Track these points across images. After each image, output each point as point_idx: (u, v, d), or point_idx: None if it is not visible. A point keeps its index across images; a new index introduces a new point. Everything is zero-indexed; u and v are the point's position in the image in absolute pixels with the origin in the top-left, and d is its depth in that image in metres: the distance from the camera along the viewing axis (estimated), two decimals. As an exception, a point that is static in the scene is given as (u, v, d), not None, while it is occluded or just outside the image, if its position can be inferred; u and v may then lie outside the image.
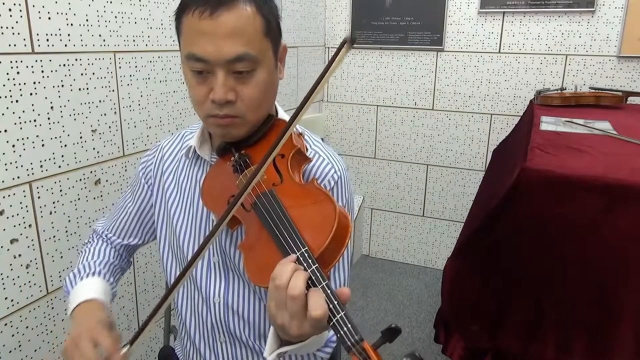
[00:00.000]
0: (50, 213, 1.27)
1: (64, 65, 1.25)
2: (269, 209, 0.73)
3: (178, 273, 0.97)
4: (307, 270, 0.64)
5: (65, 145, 1.28)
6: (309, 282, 0.64)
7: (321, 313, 0.61)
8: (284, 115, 0.94)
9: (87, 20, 1.29)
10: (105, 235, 1.07)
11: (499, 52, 2.55)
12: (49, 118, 1.23)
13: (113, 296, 0.99)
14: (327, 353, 0.85)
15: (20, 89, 1.15)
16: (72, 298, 0.91)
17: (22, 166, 1.18)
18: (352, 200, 0.92)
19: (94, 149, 1.37)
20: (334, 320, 0.61)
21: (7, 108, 1.13)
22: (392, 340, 0.60)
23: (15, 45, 1.13)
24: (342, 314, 0.61)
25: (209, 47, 0.77)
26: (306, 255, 0.65)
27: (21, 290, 1.22)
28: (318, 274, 0.64)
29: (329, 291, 0.63)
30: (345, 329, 0.60)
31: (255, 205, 0.76)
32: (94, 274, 0.96)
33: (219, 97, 0.79)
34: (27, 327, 1.24)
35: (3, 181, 1.14)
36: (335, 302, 0.62)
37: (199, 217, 0.93)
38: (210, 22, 0.76)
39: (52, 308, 1.31)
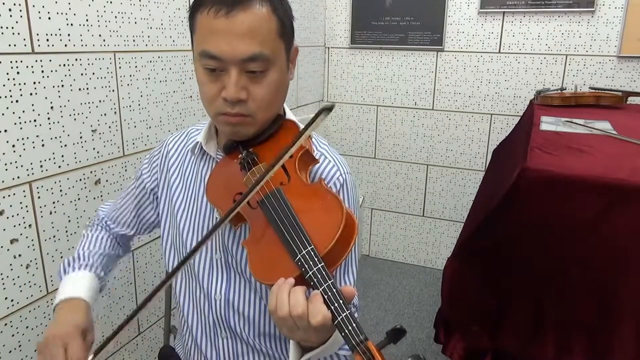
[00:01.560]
0: (50, 213, 1.27)
1: (64, 65, 1.25)
2: (276, 207, 0.73)
3: (181, 270, 0.98)
4: (311, 270, 0.65)
5: (65, 145, 1.28)
6: (312, 282, 0.64)
7: (320, 319, 0.62)
8: (291, 115, 0.94)
9: (87, 20, 1.29)
10: (105, 222, 1.09)
11: (499, 52, 2.55)
12: (49, 118, 1.23)
13: (102, 289, 1.00)
14: (348, 350, 0.85)
15: (20, 89, 1.15)
16: (60, 289, 0.93)
17: (22, 166, 1.18)
18: (357, 203, 0.92)
19: (94, 149, 1.37)
20: (339, 319, 0.62)
21: (7, 108, 1.13)
22: (397, 342, 0.61)
23: (15, 45, 1.13)
24: (347, 313, 0.61)
25: (223, 45, 0.77)
26: (312, 253, 0.66)
27: (21, 290, 1.22)
28: (323, 272, 0.64)
29: (334, 290, 0.63)
30: (349, 328, 0.60)
31: (262, 203, 0.76)
32: (86, 266, 0.97)
33: (232, 96, 0.79)
34: (27, 327, 1.24)
35: (3, 181, 1.14)
36: (340, 302, 0.62)
37: (202, 212, 0.94)
38: (226, 21, 0.77)
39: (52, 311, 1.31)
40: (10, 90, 1.13)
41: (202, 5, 0.79)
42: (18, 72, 1.14)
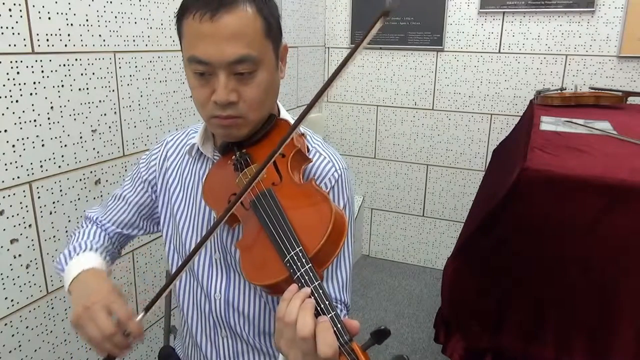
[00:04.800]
0: (50, 213, 1.27)
1: (64, 65, 1.25)
2: (267, 208, 0.74)
3: None
4: (299, 271, 0.64)
5: (65, 145, 1.28)
6: (300, 283, 0.64)
7: (330, 354, 0.59)
8: (286, 114, 0.94)
9: (87, 20, 1.29)
10: (100, 222, 1.05)
11: (499, 52, 2.55)
12: (49, 118, 1.23)
13: (108, 274, 0.91)
14: None
15: (20, 89, 1.15)
16: (70, 269, 0.88)
17: (22, 166, 1.18)
18: (352, 199, 0.93)
19: (94, 149, 1.37)
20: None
21: (7, 108, 1.13)
22: (381, 342, 0.61)
23: (15, 45, 1.13)
24: (332, 314, 0.61)
25: (210, 49, 0.77)
26: (300, 254, 0.66)
27: (21, 290, 1.22)
28: (311, 274, 0.64)
29: (320, 291, 0.63)
30: (334, 329, 0.60)
31: (253, 203, 0.76)
32: (90, 249, 0.92)
33: (222, 99, 0.79)
34: (27, 327, 1.24)
35: (3, 181, 1.14)
36: (327, 303, 0.62)
37: (201, 213, 0.94)
38: (211, 24, 0.77)
39: (52, 308, 1.31)
40: (10, 90, 1.13)
41: (187, 11, 0.79)
42: (18, 72, 1.14)
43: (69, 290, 0.85)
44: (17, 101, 1.15)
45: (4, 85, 1.11)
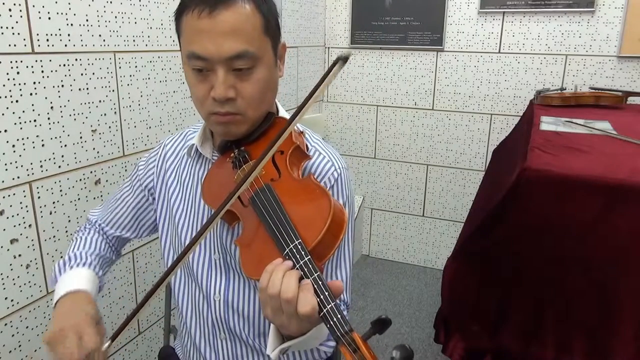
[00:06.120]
0: (50, 213, 1.27)
1: (64, 65, 1.25)
2: (265, 203, 0.74)
3: (179, 271, 0.98)
4: (298, 263, 0.65)
5: (65, 145, 1.28)
6: (302, 273, 0.65)
7: (309, 309, 0.62)
8: (284, 113, 0.95)
9: (87, 20, 1.29)
10: (99, 225, 1.07)
11: (499, 52, 2.55)
12: (49, 118, 1.23)
13: (100, 289, 0.98)
14: (330, 347, 0.86)
15: (20, 89, 1.15)
16: (59, 286, 0.90)
17: (22, 166, 1.18)
18: (352, 198, 0.93)
19: (94, 149, 1.37)
20: (324, 311, 0.62)
21: (7, 108, 1.13)
22: (382, 332, 0.61)
23: (15, 45, 1.13)
24: (332, 305, 0.62)
25: (209, 45, 0.78)
26: (299, 247, 0.66)
27: (21, 290, 1.22)
28: (310, 266, 0.65)
29: (320, 282, 0.64)
30: (334, 319, 0.61)
31: (252, 200, 0.77)
32: (84, 264, 0.95)
33: (220, 95, 0.79)
34: (27, 327, 1.24)
35: (3, 181, 1.14)
36: (326, 294, 0.63)
37: (200, 214, 0.94)
38: (210, 20, 0.77)
39: (52, 308, 1.31)
40: (10, 90, 1.13)
41: (186, 8, 0.80)
42: (18, 72, 1.14)
43: (55, 306, 0.88)
44: (17, 101, 1.15)
45: (4, 85, 1.11)
